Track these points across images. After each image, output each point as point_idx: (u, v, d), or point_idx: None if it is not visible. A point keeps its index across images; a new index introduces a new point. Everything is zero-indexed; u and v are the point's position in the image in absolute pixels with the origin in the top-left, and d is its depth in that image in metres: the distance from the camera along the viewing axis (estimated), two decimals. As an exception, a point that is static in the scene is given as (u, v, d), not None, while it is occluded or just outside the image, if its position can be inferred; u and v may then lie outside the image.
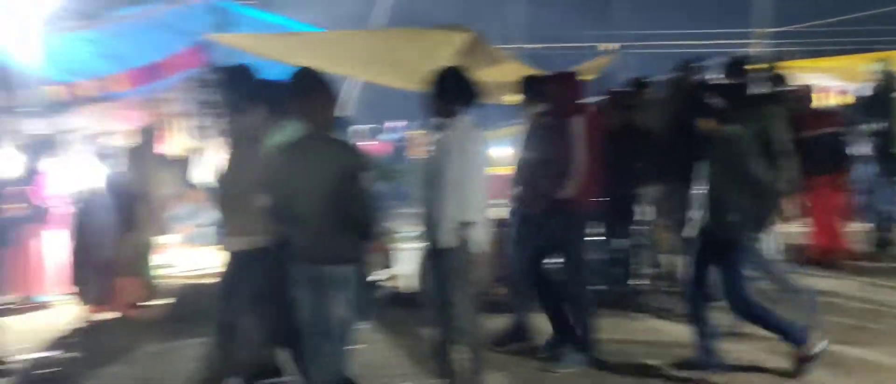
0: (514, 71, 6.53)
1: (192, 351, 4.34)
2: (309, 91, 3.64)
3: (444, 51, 5.66)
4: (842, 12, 15.52)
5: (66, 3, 11.64)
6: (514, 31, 15.40)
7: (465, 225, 3.92)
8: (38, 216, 7.13)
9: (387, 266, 7.05)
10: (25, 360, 5.24)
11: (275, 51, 6.68)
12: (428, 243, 4.12)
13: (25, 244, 6.96)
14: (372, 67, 6.42)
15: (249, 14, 7.77)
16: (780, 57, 7.75)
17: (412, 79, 6.29)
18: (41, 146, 7.82)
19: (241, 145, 4.20)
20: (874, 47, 13.27)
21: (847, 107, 9.03)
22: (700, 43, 12.96)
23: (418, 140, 13.39)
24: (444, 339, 4.17)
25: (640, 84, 6.49)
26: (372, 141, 14.67)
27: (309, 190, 3.52)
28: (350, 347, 3.74)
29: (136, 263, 6.48)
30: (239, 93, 4.19)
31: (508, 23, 16.83)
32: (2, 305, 5.54)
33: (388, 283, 6.85)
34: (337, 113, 3.88)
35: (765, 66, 7.04)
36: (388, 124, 15.84)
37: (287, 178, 3.62)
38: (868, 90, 8.10)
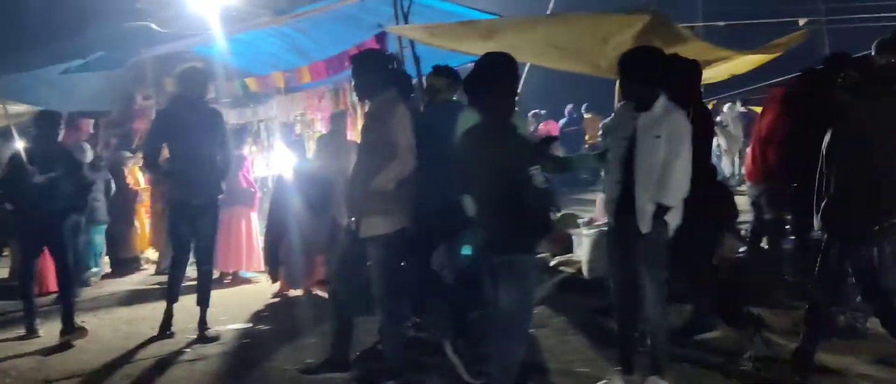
0: (701, 51, 6.26)
1: (374, 324, 4.59)
2: (490, 80, 3.65)
3: (623, 35, 5.50)
4: None
5: (259, 0, 12.59)
6: (698, 7, 14.45)
7: (664, 210, 3.77)
8: (246, 198, 7.81)
9: (563, 251, 7.05)
10: (232, 330, 5.78)
11: (449, 40, 6.79)
12: (618, 228, 4.04)
13: (233, 224, 7.65)
14: (549, 54, 6.37)
15: (425, 2, 7.94)
16: None
17: (591, 64, 6.20)
18: (241, 133, 8.53)
19: (368, 130, 4.33)
20: None
21: None
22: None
23: (595, 124, 13.17)
24: (628, 326, 4.12)
25: (838, 61, 5.94)
26: (542, 125, 14.62)
27: (485, 180, 3.58)
28: (529, 332, 3.79)
29: (327, 245, 6.89)
30: (368, 79, 4.28)
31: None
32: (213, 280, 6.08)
33: (564, 268, 6.84)
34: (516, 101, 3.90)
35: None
36: (569, 107, 15.67)
37: (465, 167, 3.71)
38: None
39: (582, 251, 6.66)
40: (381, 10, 7.44)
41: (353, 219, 4.24)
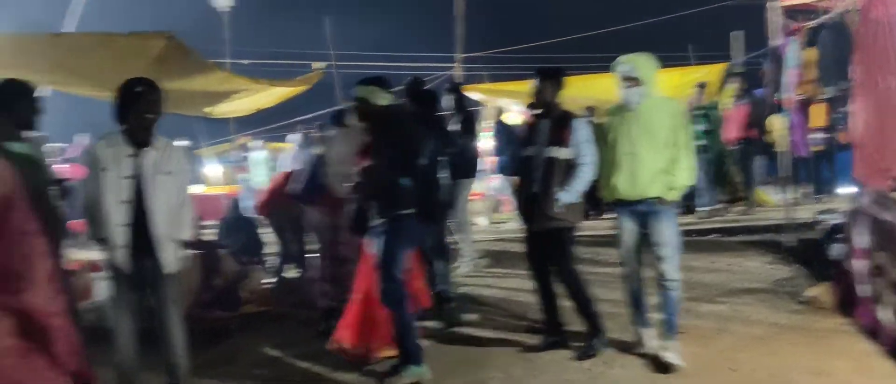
0: (224, 80, 6.29)
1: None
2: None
3: (138, 57, 5.24)
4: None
5: None
6: (227, 48, 14.36)
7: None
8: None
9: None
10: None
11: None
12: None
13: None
14: (57, 74, 5.72)
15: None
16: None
17: (104, 86, 5.77)
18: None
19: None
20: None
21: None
22: None
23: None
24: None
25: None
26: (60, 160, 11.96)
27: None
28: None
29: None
30: None
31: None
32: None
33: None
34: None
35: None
36: (78, 138, 12.90)
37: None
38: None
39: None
40: None
41: None
